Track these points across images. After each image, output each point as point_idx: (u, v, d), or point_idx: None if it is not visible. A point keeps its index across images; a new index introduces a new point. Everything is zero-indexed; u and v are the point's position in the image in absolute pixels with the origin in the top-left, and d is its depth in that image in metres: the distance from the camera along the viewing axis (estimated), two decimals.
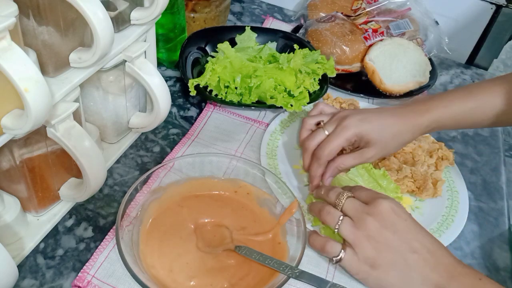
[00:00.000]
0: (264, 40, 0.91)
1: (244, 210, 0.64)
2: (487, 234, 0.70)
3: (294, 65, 0.80)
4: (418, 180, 0.70)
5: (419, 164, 0.72)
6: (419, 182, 0.70)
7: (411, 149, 0.74)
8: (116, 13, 0.59)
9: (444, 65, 1.06)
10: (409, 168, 0.71)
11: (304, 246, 0.56)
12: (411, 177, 0.71)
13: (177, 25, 0.83)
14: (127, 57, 0.60)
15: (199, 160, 0.65)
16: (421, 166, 0.72)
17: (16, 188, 0.57)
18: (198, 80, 0.78)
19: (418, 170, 0.71)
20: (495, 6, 1.02)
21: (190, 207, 0.63)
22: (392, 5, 0.98)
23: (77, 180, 0.62)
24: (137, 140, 0.75)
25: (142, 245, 0.57)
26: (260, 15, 1.12)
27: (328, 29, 0.93)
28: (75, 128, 0.53)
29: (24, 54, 0.41)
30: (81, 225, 0.62)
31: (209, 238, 0.60)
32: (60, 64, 0.52)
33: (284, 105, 0.77)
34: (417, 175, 0.71)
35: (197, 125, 0.78)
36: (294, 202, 0.60)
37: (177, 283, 0.54)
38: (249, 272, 0.57)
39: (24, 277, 0.55)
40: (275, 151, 0.74)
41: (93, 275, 0.56)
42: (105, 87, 0.64)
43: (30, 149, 0.53)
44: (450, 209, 0.70)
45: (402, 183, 0.70)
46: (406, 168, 0.71)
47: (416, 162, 0.73)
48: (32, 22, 0.47)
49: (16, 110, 0.46)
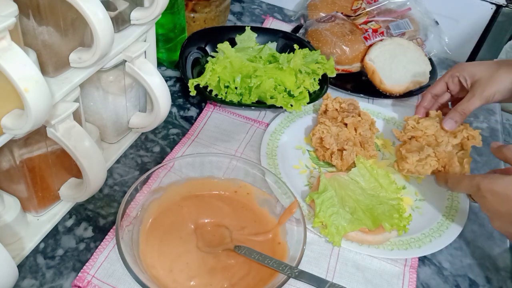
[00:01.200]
0: (264, 40, 0.91)
1: (244, 210, 0.64)
2: (487, 234, 0.70)
3: (294, 65, 0.80)
4: (442, 159, 0.69)
5: (443, 145, 0.71)
6: (444, 161, 0.69)
7: (433, 131, 0.73)
8: (116, 13, 0.59)
9: (444, 65, 1.06)
10: (431, 148, 0.70)
11: (304, 246, 0.56)
12: (435, 156, 0.70)
13: (177, 25, 0.83)
14: (127, 57, 0.60)
15: (199, 160, 0.65)
16: (445, 147, 0.71)
17: (16, 188, 0.57)
18: (198, 80, 0.78)
19: (442, 149, 0.70)
20: (495, 6, 1.02)
21: (190, 207, 0.63)
22: (392, 5, 0.98)
23: (77, 180, 0.62)
24: (137, 140, 0.75)
25: (142, 245, 0.57)
26: (260, 15, 1.12)
27: (328, 29, 0.93)
28: (75, 128, 0.53)
29: (24, 54, 0.41)
30: (81, 225, 0.62)
31: (209, 238, 0.60)
32: (60, 64, 0.52)
33: (284, 105, 0.77)
34: (441, 153, 0.70)
35: (197, 125, 0.78)
36: (294, 202, 0.60)
37: (177, 283, 0.55)
38: (249, 272, 0.57)
39: (24, 277, 0.55)
40: (275, 151, 0.74)
41: (93, 275, 0.56)
42: (105, 87, 0.64)
43: (30, 149, 0.53)
44: (450, 209, 0.70)
45: (425, 162, 0.69)
46: (428, 149, 0.70)
47: (439, 143, 0.72)
48: (32, 22, 0.47)
49: (16, 110, 0.46)
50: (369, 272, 0.61)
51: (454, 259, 0.66)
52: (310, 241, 0.64)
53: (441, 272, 0.64)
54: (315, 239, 0.64)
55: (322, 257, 0.62)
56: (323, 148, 0.74)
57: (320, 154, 0.74)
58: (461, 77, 0.74)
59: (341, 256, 0.63)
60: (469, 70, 0.73)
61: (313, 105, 0.83)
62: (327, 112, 0.79)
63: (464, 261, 0.66)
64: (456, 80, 0.75)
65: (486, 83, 0.70)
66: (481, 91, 0.70)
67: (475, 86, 0.72)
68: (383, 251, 0.63)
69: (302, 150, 0.77)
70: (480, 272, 0.65)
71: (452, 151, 0.71)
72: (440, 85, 0.78)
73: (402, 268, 0.62)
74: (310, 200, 0.65)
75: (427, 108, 0.78)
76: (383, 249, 0.63)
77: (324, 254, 0.63)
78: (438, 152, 0.70)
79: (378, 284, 0.60)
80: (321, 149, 0.74)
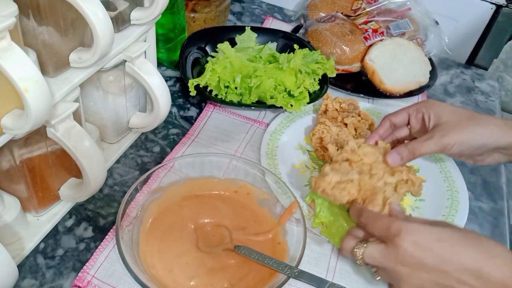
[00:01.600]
0: (264, 40, 0.91)
1: (244, 210, 0.64)
2: (487, 234, 0.70)
3: (294, 65, 0.80)
4: (365, 191, 0.58)
5: (374, 179, 0.59)
6: (366, 193, 0.58)
7: (371, 161, 0.61)
8: (116, 13, 0.59)
9: (444, 65, 1.06)
10: (357, 175, 0.59)
11: (304, 246, 0.56)
12: (358, 185, 0.58)
13: (177, 25, 0.83)
14: (127, 57, 0.60)
15: (199, 160, 0.65)
16: (376, 181, 0.59)
17: (16, 188, 0.57)
18: (198, 80, 0.78)
19: (368, 180, 0.59)
20: (495, 6, 1.02)
21: (190, 207, 0.63)
22: (392, 5, 0.98)
23: (77, 180, 0.62)
24: (137, 140, 0.75)
25: (142, 245, 0.57)
26: (260, 15, 1.12)
27: (328, 29, 0.93)
28: (75, 128, 0.53)
29: (24, 54, 0.41)
30: (81, 225, 0.62)
31: (209, 238, 0.60)
32: (60, 64, 0.52)
33: (284, 105, 0.77)
34: (366, 184, 0.58)
35: (197, 125, 0.78)
36: (294, 202, 0.60)
37: (177, 283, 0.55)
38: (249, 272, 0.57)
39: (24, 277, 0.55)
40: (275, 151, 0.74)
41: (93, 275, 0.56)
42: (105, 87, 0.64)
43: (30, 149, 0.53)
44: (450, 209, 0.70)
45: (343, 187, 0.58)
46: (353, 173, 0.59)
47: (372, 175, 0.59)
48: (32, 22, 0.47)
49: (16, 110, 0.46)
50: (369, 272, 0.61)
51: None
52: (310, 241, 0.64)
53: None
54: (315, 239, 0.64)
55: (322, 257, 0.62)
56: (323, 148, 0.74)
57: (320, 154, 0.74)
58: (425, 115, 0.63)
59: (341, 256, 0.63)
60: (436, 110, 0.63)
61: (313, 105, 0.83)
62: (327, 112, 0.79)
63: None
64: (420, 116, 0.64)
65: (449, 129, 0.60)
66: (440, 136, 0.60)
67: (436, 129, 0.61)
68: None
69: (302, 150, 0.77)
70: None
71: (380, 187, 0.58)
72: (402, 115, 0.66)
73: None
74: (310, 200, 0.65)
75: (382, 137, 0.66)
76: None
77: (324, 254, 0.63)
78: (363, 182, 0.58)
79: (378, 284, 0.60)
80: (321, 149, 0.74)
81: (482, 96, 0.99)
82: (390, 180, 0.59)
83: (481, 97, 0.99)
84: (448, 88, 1.00)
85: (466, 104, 0.96)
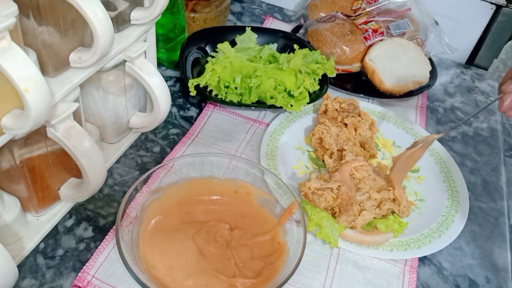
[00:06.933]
0: (264, 41, 0.91)
1: (244, 210, 0.64)
2: (487, 234, 0.70)
3: (294, 65, 0.80)
4: (342, 200, 0.61)
5: (357, 193, 0.62)
6: (342, 203, 0.61)
7: (361, 177, 0.64)
8: (116, 13, 0.59)
9: (444, 65, 1.06)
10: (337, 183, 0.62)
11: (304, 246, 0.56)
12: (336, 194, 0.61)
13: (177, 25, 0.83)
14: (127, 57, 0.60)
15: (199, 160, 0.65)
16: (359, 196, 0.61)
17: (16, 188, 0.57)
18: (198, 80, 0.78)
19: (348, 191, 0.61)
20: (495, 6, 1.02)
21: (190, 207, 0.63)
22: (392, 5, 0.98)
23: (77, 180, 0.62)
24: (137, 140, 0.75)
25: (142, 245, 0.57)
26: (260, 15, 1.12)
27: (328, 29, 0.93)
28: (75, 128, 0.53)
29: (24, 54, 0.41)
30: (81, 225, 0.62)
31: (208, 238, 0.60)
32: (60, 64, 0.52)
33: (284, 105, 0.77)
34: (343, 194, 0.61)
35: (197, 125, 0.78)
36: (294, 202, 0.60)
37: (177, 283, 0.55)
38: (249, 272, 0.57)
39: (24, 277, 0.55)
40: (275, 152, 0.74)
41: (93, 275, 0.56)
42: (105, 87, 0.64)
43: (30, 149, 0.53)
44: (450, 209, 0.70)
45: (321, 194, 0.61)
46: (334, 182, 0.62)
47: (359, 189, 0.63)
48: (32, 22, 0.47)
49: (16, 110, 0.46)
50: (369, 272, 0.61)
51: (454, 259, 0.66)
52: (310, 241, 0.64)
53: (441, 272, 0.64)
54: (315, 239, 0.64)
55: (322, 257, 0.62)
56: (323, 148, 0.74)
57: (320, 154, 0.74)
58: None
59: (341, 256, 0.63)
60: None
61: (313, 105, 0.83)
62: (327, 112, 0.79)
63: (464, 261, 0.66)
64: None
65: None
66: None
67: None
68: (382, 252, 0.62)
69: (302, 150, 0.77)
70: (480, 272, 0.65)
71: (359, 199, 0.61)
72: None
73: (402, 268, 0.62)
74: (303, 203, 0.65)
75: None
76: (382, 249, 0.63)
77: (324, 254, 0.63)
78: (340, 191, 0.61)
79: (378, 284, 0.60)
80: (321, 149, 0.74)
81: (482, 96, 0.99)
82: (375, 196, 0.62)
83: (481, 97, 0.99)
84: (448, 88, 1.00)
85: (466, 104, 0.96)
